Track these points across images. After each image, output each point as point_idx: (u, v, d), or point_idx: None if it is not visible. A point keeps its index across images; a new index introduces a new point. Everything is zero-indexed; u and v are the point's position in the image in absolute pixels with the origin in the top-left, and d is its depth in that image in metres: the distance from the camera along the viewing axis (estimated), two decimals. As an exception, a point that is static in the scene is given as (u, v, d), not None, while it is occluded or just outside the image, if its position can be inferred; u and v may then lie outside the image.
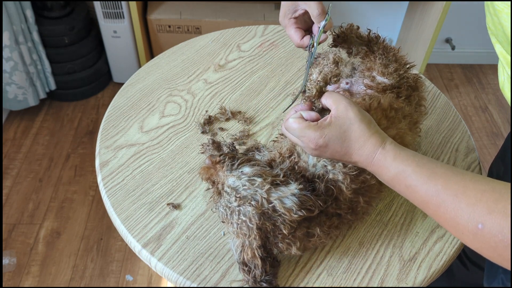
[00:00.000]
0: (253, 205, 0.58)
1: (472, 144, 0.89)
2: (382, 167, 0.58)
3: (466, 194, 0.50)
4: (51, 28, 1.86)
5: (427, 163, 0.55)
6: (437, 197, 0.52)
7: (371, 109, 0.70)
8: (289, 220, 0.59)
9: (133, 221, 0.72)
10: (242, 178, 0.61)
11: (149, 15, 1.91)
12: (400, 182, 0.56)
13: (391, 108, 0.71)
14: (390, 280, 0.67)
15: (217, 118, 0.91)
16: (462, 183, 0.51)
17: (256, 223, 0.58)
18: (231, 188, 0.61)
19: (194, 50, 1.08)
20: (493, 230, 0.47)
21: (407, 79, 0.76)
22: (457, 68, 2.44)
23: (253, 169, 0.62)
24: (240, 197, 0.59)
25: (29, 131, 1.95)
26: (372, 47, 0.78)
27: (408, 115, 0.73)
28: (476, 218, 0.48)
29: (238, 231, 0.60)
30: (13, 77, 1.81)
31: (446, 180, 0.52)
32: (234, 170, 0.62)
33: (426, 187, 0.53)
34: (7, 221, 1.63)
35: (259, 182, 0.59)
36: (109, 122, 0.89)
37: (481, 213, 0.48)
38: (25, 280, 1.48)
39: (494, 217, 0.47)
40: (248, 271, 0.61)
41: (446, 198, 0.51)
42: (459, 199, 0.50)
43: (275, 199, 0.58)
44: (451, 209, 0.50)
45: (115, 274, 1.50)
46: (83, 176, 1.79)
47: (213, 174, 0.65)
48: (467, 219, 0.49)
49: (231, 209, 0.60)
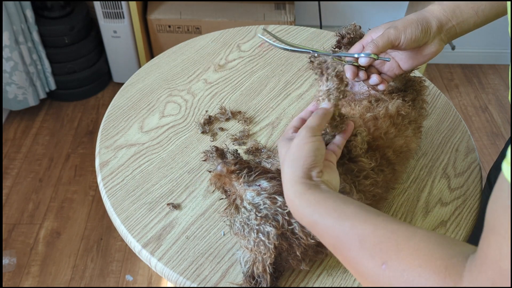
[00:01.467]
0: (273, 226, 0.57)
1: (472, 144, 0.89)
2: (298, 216, 0.53)
3: (374, 234, 0.44)
4: (51, 28, 1.86)
5: (339, 205, 0.49)
6: (343, 237, 0.46)
7: (380, 117, 0.69)
8: (304, 243, 0.58)
9: (133, 221, 0.72)
10: (262, 194, 0.59)
11: (149, 15, 1.91)
12: (313, 230, 0.51)
13: (398, 115, 0.70)
14: (390, 280, 0.67)
15: (217, 118, 0.90)
16: (373, 222, 0.45)
17: (274, 243, 0.57)
18: (251, 204, 0.59)
19: (194, 50, 1.08)
20: (397, 270, 0.40)
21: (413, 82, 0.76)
22: (457, 68, 2.44)
23: (272, 184, 0.60)
24: (261, 216, 0.58)
25: (29, 131, 1.96)
26: None
27: (414, 120, 0.73)
28: (380, 257, 0.41)
29: (255, 249, 0.59)
30: (13, 77, 1.81)
31: (354, 221, 0.46)
32: (251, 182, 0.61)
33: (332, 230, 0.47)
34: (7, 221, 1.63)
35: (281, 203, 0.58)
36: (109, 122, 0.89)
37: (387, 251, 0.41)
38: (25, 280, 1.48)
39: (402, 255, 0.40)
40: (254, 284, 0.61)
41: (351, 239, 0.45)
42: (365, 239, 0.44)
43: (295, 222, 0.57)
44: (355, 249, 0.44)
45: (115, 274, 1.50)
46: (83, 176, 1.79)
47: (226, 184, 0.62)
48: (370, 259, 0.42)
49: (250, 226, 0.58)
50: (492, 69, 2.44)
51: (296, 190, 0.52)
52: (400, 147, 0.68)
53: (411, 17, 0.68)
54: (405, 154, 0.70)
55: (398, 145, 0.68)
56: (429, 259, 0.38)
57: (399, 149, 0.68)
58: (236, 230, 0.61)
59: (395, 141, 0.68)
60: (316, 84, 0.72)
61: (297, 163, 0.53)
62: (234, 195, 0.62)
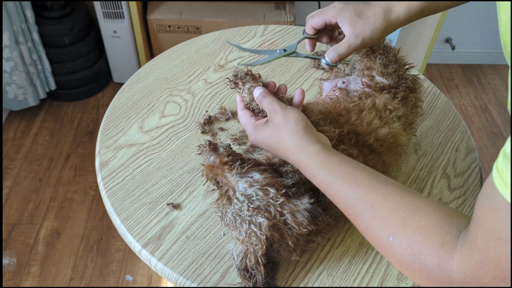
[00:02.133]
0: (265, 217, 0.58)
1: (472, 144, 0.89)
2: (308, 175, 0.58)
3: (382, 205, 0.50)
4: (51, 28, 1.86)
5: (352, 171, 0.55)
6: (355, 206, 0.52)
7: (365, 109, 0.71)
8: (296, 233, 0.59)
9: (133, 221, 0.72)
10: (254, 185, 0.60)
11: (149, 15, 1.91)
12: (325, 190, 0.57)
13: (386, 109, 0.71)
14: (390, 280, 0.67)
15: (217, 118, 0.91)
16: (381, 192, 0.51)
17: (266, 234, 0.58)
18: (243, 195, 0.60)
19: (194, 50, 1.08)
20: (402, 243, 0.47)
21: (406, 80, 0.76)
22: (457, 68, 2.44)
23: (264, 176, 0.61)
24: (254, 207, 0.58)
25: (29, 131, 1.96)
26: (373, 46, 0.78)
27: (404, 116, 0.73)
28: (388, 230, 0.48)
29: (246, 240, 0.59)
30: (13, 77, 1.81)
31: (365, 189, 0.52)
32: (243, 173, 0.61)
33: (346, 195, 0.53)
34: (7, 221, 1.63)
35: (273, 194, 0.59)
36: (109, 122, 0.89)
37: (394, 225, 0.48)
38: (25, 280, 1.48)
39: (406, 230, 0.47)
40: (249, 277, 0.61)
41: (363, 207, 0.51)
42: (375, 210, 0.50)
43: (287, 212, 0.58)
44: (367, 218, 0.51)
45: (115, 274, 1.50)
46: (83, 176, 1.79)
47: (218, 175, 0.63)
48: (380, 229, 0.49)
49: (242, 217, 0.59)
50: (492, 69, 2.44)
51: (310, 152, 0.57)
52: (384, 137, 0.69)
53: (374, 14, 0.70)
54: (393, 146, 0.71)
55: (382, 134, 0.69)
56: (429, 237, 0.45)
57: (383, 138, 0.69)
58: (227, 221, 0.62)
59: (378, 130, 0.69)
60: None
61: (295, 126, 0.60)
62: (226, 186, 0.62)
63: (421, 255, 0.45)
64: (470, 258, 0.42)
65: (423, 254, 0.45)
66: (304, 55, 0.79)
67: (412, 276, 0.47)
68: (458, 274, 0.42)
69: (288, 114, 0.61)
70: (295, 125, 0.60)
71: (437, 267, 0.44)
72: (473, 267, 0.41)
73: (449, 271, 0.43)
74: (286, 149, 0.60)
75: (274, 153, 0.63)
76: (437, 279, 0.44)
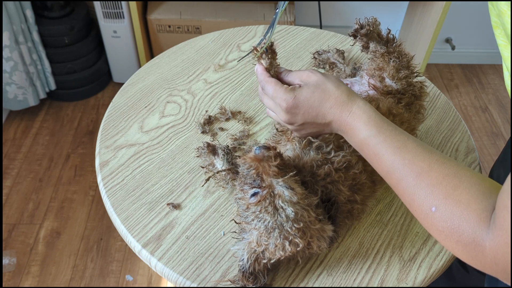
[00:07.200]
0: (302, 238, 0.58)
1: (472, 144, 0.89)
2: (354, 128, 0.57)
3: (429, 175, 0.51)
4: (51, 28, 1.86)
5: (400, 135, 0.55)
6: (401, 171, 0.53)
7: None
8: (310, 252, 0.61)
9: (133, 221, 0.72)
10: (295, 201, 0.58)
11: (149, 15, 1.91)
12: (369, 148, 0.56)
13: (390, 113, 0.71)
14: (390, 280, 0.67)
15: (217, 118, 0.91)
16: (428, 162, 0.51)
17: (293, 252, 0.58)
18: (286, 210, 0.57)
19: (194, 50, 1.08)
20: (443, 216, 0.48)
21: (413, 87, 0.76)
22: (457, 68, 2.44)
23: (303, 192, 0.59)
24: (298, 227, 0.57)
25: (29, 131, 1.96)
26: (389, 48, 0.77)
27: (406, 121, 0.73)
28: (432, 201, 0.49)
29: (271, 250, 0.58)
30: (13, 77, 1.81)
31: (413, 156, 0.52)
32: (287, 183, 0.59)
33: (392, 158, 0.53)
34: (7, 221, 1.63)
35: (313, 218, 0.58)
36: (109, 122, 0.89)
37: (437, 197, 0.49)
38: (25, 280, 1.48)
39: (449, 203, 0.48)
40: (253, 280, 0.62)
41: (409, 174, 0.52)
42: (421, 178, 0.51)
43: (315, 236, 0.59)
44: (411, 186, 0.51)
45: (115, 274, 1.50)
46: (83, 176, 1.79)
47: (263, 173, 0.58)
48: (423, 199, 0.50)
49: (280, 230, 0.57)
50: (492, 69, 2.44)
51: (361, 104, 0.57)
52: None
53: None
54: None
55: None
56: (468, 212, 0.47)
57: None
58: (256, 226, 0.59)
59: None
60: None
61: (335, 82, 0.59)
62: (267, 189, 0.58)
63: (459, 229, 0.47)
64: (499, 238, 0.43)
65: (461, 228, 0.47)
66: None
67: (449, 246, 0.49)
68: (491, 251, 0.45)
69: (326, 73, 0.61)
70: (338, 80, 0.60)
71: (472, 242, 0.46)
72: (503, 246, 0.43)
73: (482, 246, 0.45)
74: (333, 101, 0.58)
75: (314, 113, 0.59)
76: (472, 252, 0.46)
